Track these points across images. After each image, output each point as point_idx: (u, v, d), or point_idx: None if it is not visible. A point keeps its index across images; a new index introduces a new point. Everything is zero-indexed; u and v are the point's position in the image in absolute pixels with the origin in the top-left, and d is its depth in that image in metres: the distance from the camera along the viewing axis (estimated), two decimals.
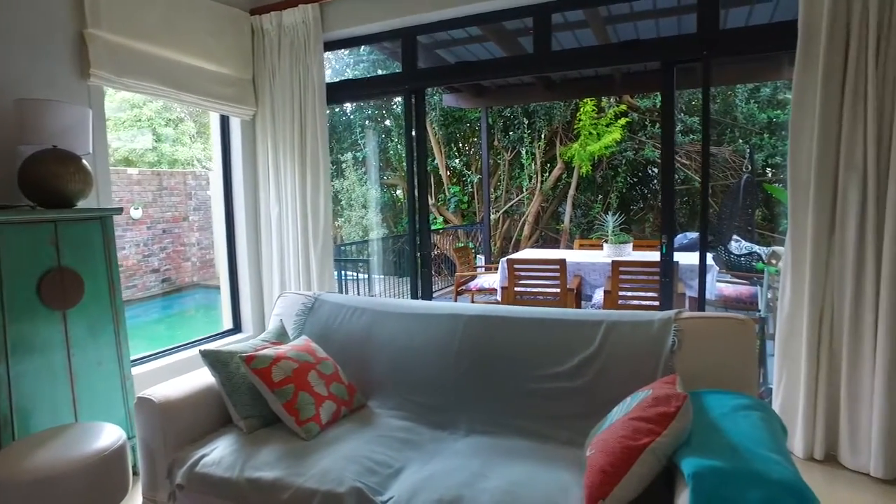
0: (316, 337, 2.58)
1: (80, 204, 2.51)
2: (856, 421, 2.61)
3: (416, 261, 3.84)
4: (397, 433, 2.11)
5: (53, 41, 2.74)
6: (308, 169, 3.85)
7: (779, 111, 9.23)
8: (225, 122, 4.08)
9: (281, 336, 2.52)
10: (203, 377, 2.27)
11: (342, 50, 11.00)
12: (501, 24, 4.32)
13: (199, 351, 2.18)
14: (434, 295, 8.06)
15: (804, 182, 2.64)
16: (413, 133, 3.77)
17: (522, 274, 4.72)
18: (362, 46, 9.80)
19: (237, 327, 4.25)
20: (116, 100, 10.72)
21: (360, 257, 8.43)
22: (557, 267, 4.53)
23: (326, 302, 2.73)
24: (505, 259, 4.93)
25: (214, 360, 2.17)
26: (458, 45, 4.98)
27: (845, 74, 2.54)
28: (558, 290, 4.59)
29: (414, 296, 3.89)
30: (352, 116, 11.14)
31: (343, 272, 5.99)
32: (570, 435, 1.97)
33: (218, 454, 1.94)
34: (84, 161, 2.46)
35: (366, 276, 6.85)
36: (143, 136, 10.79)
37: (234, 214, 4.15)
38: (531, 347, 2.16)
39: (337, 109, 11.23)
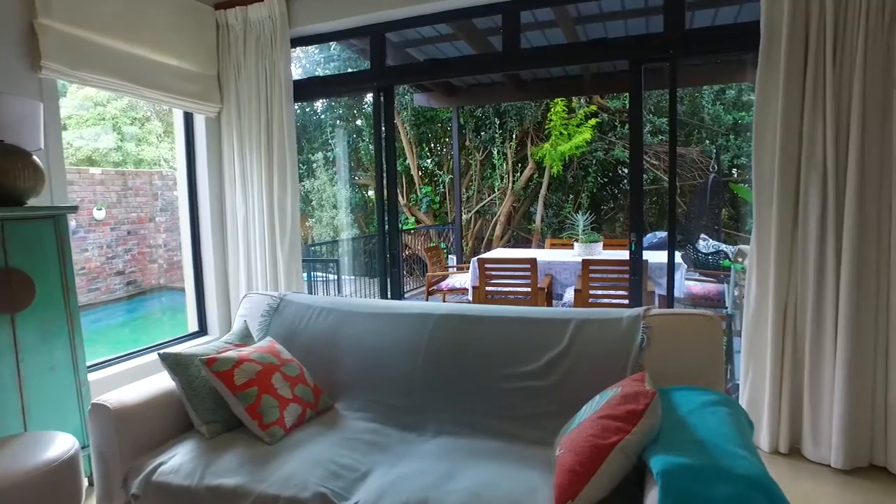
0: (281, 338, 2.51)
1: (32, 202, 2.40)
2: (818, 414, 2.66)
3: (386, 261, 3.79)
4: (364, 435, 2.07)
5: (0, 31, 2.62)
6: (275, 167, 3.77)
7: (743, 113, 9.42)
8: (189, 120, 3.97)
9: (245, 338, 2.45)
10: (163, 381, 2.19)
11: (313, 48, 10.91)
12: (472, 22, 4.30)
13: (159, 354, 2.10)
14: (406, 295, 8.03)
15: (768, 180, 2.68)
16: (382, 131, 3.72)
17: (493, 273, 4.71)
18: (333, 45, 9.71)
19: (203, 329, 4.14)
20: (79, 97, 10.41)
21: (331, 258, 8.33)
22: (528, 266, 4.52)
23: (292, 302, 2.67)
24: (476, 259, 4.91)
25: (174, 364, 2.09)
26: (429, 43, 4.95)
27: (805, 75, 2.59)
28: (529, 289, 4.58)
29: (384, 296, 3.84)
30: (322, 116, 11.02)
31: (312, 273, 5.90)
32: (539, 434, 1.95)
33: (177, 461, 1.86)
34: (35, 157, 2.35)
35: (336, 276, 6.77)
36: (108, 134, 10.50)
37: (199, 214, 4.04)
38: (500, 346, 2.14)
39: (308, 109, 11.10)
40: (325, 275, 7.72)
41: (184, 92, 3.60)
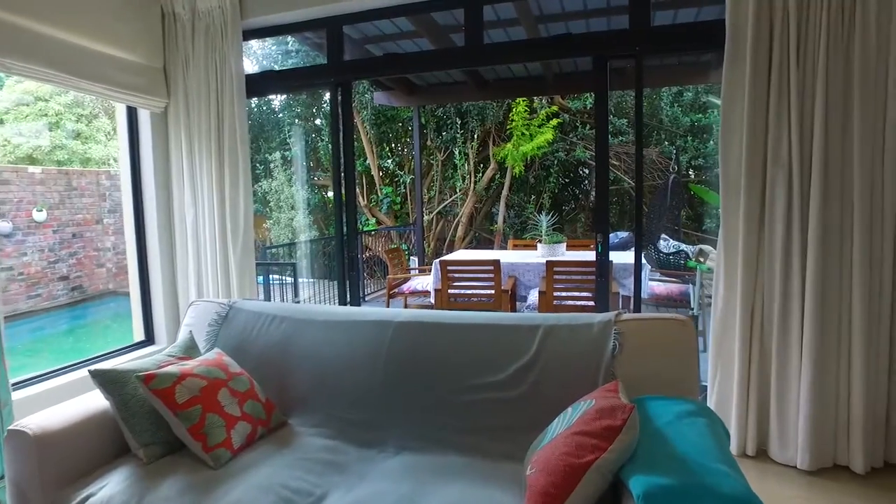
0: (230, 349, 2.34)
1: None
2: (784, 415, 2.64)
3: (345, 264, 3.63)
4: (320, 454, 1.92)
5: None
6: (226, 165, 3.56)
7: (700, 115, 9.59)
8: (133, 115, 3.73)
9: (189, 350, 2.26)
10: (96, 400, 1.99)
11: (269, 43, 10.58)
12: (433, 19, 4.18)
13: (89, 371, 1.90)
14: (367, 298, 7.86)
15: (734, 180, 2.64)
16: (340, 129, 3.56)
17: (456, 276, 4.60)
18: (291, 40, 9.45)
19: (150, 339, 3.89)
20: (17, 90, 9.84)
21: (289, 260, 8.07)
22: (491, 268, 4.43)
23: (242, 310, 2.49)
24: (438, 260, 4.79)
25: (107, 381, 1.89)
26: (389, 40, 4.80)
27: (770, 74, 2.57)
28: (493, 291, 4.49)
29: (343, 300, 3.67)
30: (281, 115, 10.72)
31: (269, 276, 5.68)
32: (508, 449, 1.84)
33: (108, 492, 1.68)
34: None
35: (293, 279, 6.52)
36: (51, 131, 9.96)
37: (145, 214, 3.80)
38: (465, 355, 2.02)
39: (265, 107, 10.77)
40: (282, 278, 7.47)
41: (126, 85, 3.37)
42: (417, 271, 6.70)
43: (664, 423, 1.49)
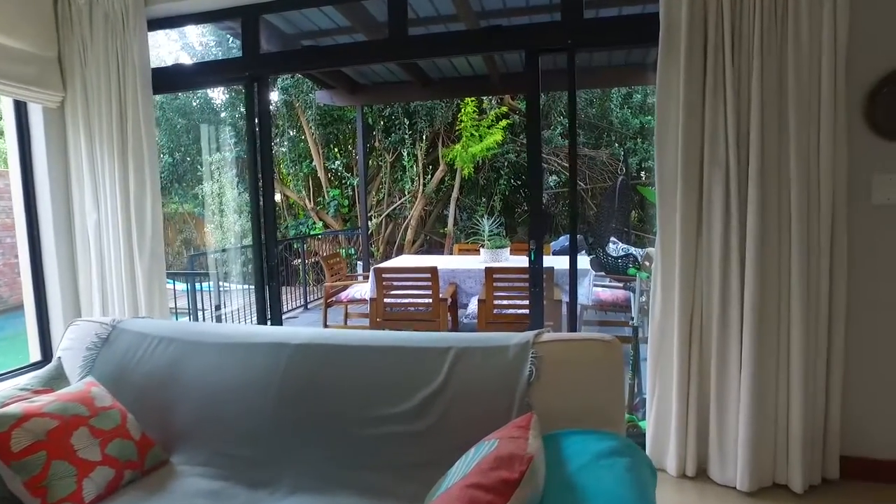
0: (109, 377, 2.03)
1: None
2: (724, 433, 2.49)
3: (262, 273, 3.34)
4: (203, 499, 1.65)
5: None
6: (131, 166, 3.23)
7: (650, 117, 9.60)
8: (22, 110, 3.34)
9: (54, 380, 1.95)
10: None
11: (198, 32, 10.09)
12: (368, 13, 3.92)
13: None
14: (310, 305, 7.52)
15: (671, 180, 2.48)
16: (257, 127, 3.27)
17: (392, 284, 4.35)
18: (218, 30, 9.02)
19: (47, 358, 3.50)
20: None
21: (226, 267, 7.66)
22: (429, 275, 4.20)
23: (127, 331, 2.18)
24: (374, 267, 4.53)
25: None
26: (326, 36, 4.52)
27: (705, 69, 2.42)
28: (431, 300, 4.26)
29: (261, 314, 3.38)
30: (223, 114, 10.25)
31: (198, 284, 5.31)
32: (415, 489, 1.60)
33: None
34: None
35: (218, 288, 6.15)
36: None
37: (39, 219, 3.41)
38: (367, 383, 1.78)
39: (206, 107, 10.29)
40: (225, 284, 7.07)
41: (13, 76, 3.00)
42: (362, 277, 6.42)
43: (578, 466, 1.28)
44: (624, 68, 6.02)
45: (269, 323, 3.43)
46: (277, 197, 10.73)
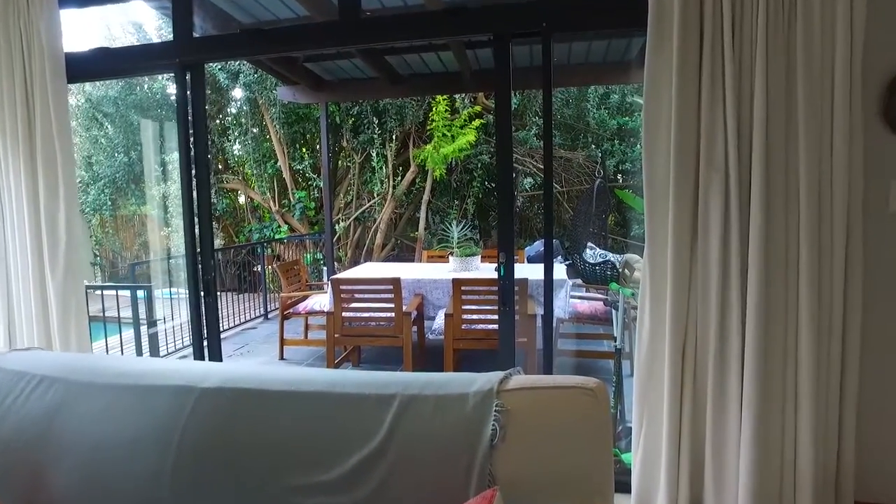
0: None
1: None
2: (722, 477, 2.16)
3: (197, 287, 2.93)
4: None
5: None
6: (40, 167, 2.80)
7: (627, 118, 9.37)
8: None
9: None
10: None
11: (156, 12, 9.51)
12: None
13: None
14: (270, 315, 7.07)
15: (661, 186, 2.14)
16: (190, 121, 2.86)
17: (353, 296, 3.96)
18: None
19: None
20: None
21: (176, 274, 7.18)
22: (391, 287, 3.82)
23: (2, 369, 1.77)
24: (332, 278, 4.13)
25: None
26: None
27: (701, 59, 2.08)
28: (393, 314, 3.88)
29: (196, 333, 2.97)
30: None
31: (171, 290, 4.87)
32: None
33: None
34: None
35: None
36: None
37: None
38: (289, 440, 1.39)
39: (164, 105, 9.75)
40: (181, 291, 6.59)
41: None
42: (326, 286, 6.01)
43: None
44: (603, 66, 5.73)
45: (205, 342, 3.02)
46: (241, 199, 10.25)
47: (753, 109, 2.01)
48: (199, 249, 2.93)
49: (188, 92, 2.84)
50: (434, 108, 7.87)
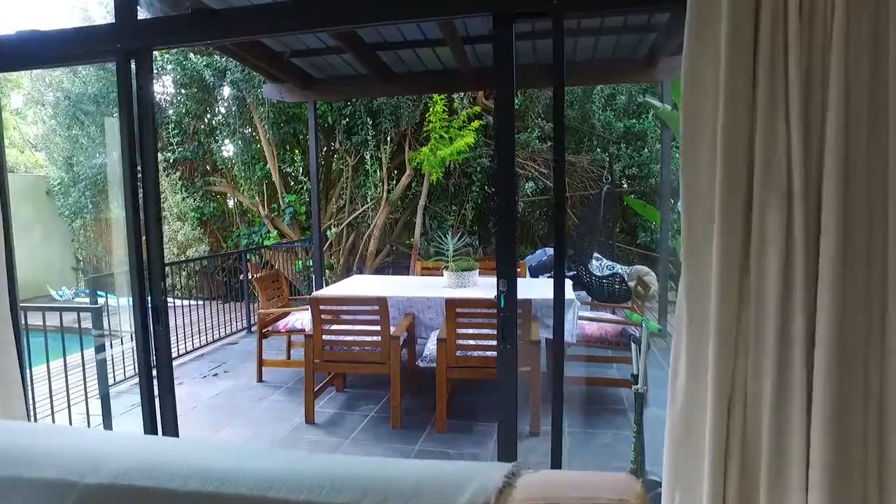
0: None
1: None
2: None
3: (144, 315, 2.49)
4: None
5: None
6: None
7: (634, 120, 8.94)
8: None
9: None
10: None
11: None
12: None
13: None
14: (253, 328, 6.63)
15: (705, 207, 1.69)
16: (135, 115, 2.42)
17: (332, 318, 3.53)
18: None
19: None
20: None
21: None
22: (377, 308, 3.38)
23: None
24: (311, 296, 3.69)
25: None
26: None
27: (757, 42, 1.63)
28: (380, 338, 3.44)
29: (143, 365, 2.52)
30: (170, 111, 9.27)
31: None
32: None
33: None
34: None
35: (187, 302, 5.27)
36: None
37: None
38: None
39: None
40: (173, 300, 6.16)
41: None
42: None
43: None
44: (611, 63, 5.31)
45: (154, 373, 2.58)
46: (231, 203, 9.82)
47: (827, 114, 1.57)
48: (147, 268, 2.50)
49: (134, 83, 2.40)
50: (431, 109, 7.44)
